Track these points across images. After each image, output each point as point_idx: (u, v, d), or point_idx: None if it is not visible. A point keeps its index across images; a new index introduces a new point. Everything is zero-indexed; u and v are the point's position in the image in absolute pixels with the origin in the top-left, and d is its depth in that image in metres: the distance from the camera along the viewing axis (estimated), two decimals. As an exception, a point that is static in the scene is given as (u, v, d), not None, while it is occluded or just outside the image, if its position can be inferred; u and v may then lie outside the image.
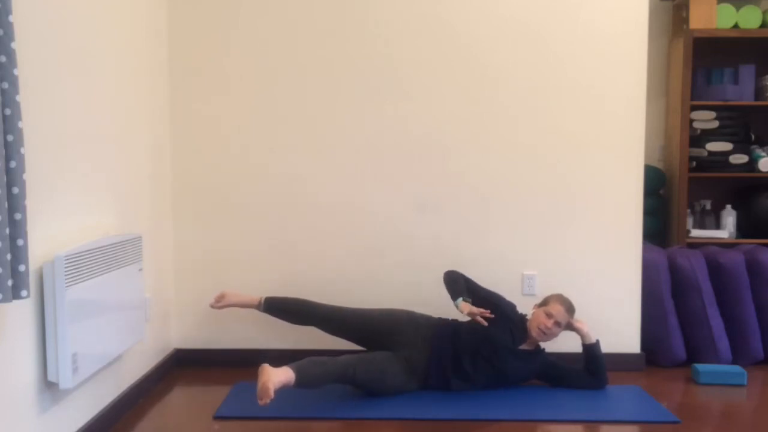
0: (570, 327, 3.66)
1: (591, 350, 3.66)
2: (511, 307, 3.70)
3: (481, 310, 3.53)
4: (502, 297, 3.73)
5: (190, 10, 4.00)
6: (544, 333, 3.57)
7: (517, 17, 4.01)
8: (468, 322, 3.65)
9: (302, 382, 3.21)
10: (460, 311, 3.55)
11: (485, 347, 3.56)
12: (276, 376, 3.10)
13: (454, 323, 3.69)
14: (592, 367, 3.67)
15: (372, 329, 3.65)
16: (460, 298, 3.56)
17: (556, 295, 3.68)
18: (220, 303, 3.80)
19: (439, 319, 3.70)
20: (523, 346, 3.65)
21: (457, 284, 3.65)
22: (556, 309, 3.58)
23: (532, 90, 4.04)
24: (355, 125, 4.05)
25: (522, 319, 3.67)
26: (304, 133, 4.05)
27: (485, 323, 3.50)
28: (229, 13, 4.01)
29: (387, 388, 3.51)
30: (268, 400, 3.05)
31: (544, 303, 3.66)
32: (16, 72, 2.15)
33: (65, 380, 2.57)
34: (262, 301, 3.78)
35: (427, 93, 4.04)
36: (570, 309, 3.62)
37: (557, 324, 3.58)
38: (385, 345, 3.60)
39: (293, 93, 4.04)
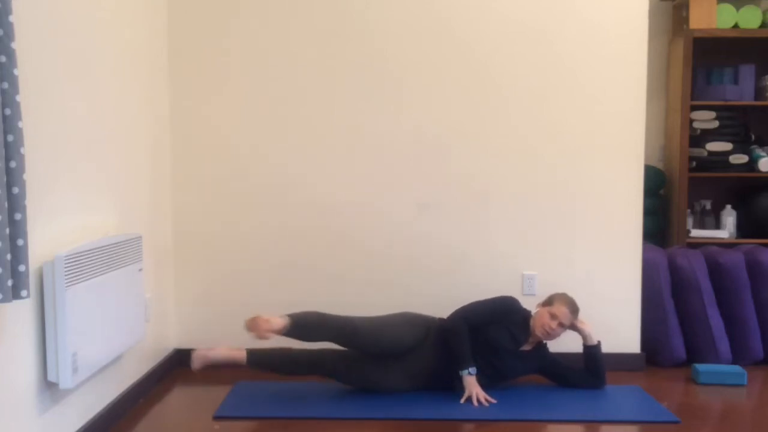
0: (573, 327, 3.65)
1: (592, 351, 3.66)
2: (512, 306, 3.64)
3: (484, 394, 3.43)
4: (503, 300, 3.65)
5: (190, 10, 4.00)
6: (548, 333, 3.56)
7: (518, 18, 4.01)
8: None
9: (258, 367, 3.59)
10: (464, 384, 3.46)
11: (486, 349, 3.55)
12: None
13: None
14: (592, 369, 3.66)
15: (394, 341, 3.54)
16: (467, 370, 3.45)
17: (561, 295, 3.64)
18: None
19: (441, 320, 3.69)
20: (525, 347, 3.64)
21: (463, 347, 3.47)
22: (561, 311, 3.56)
23: (532, 90, 4.03)
24: (356, 126, 4.05)
25: (525, 317, 3.64)
26: (304, 134, 4.05)
27: (476, 405, 3.39)
28: (228, 13, 4.00)
29: (387, 385, 3.53)
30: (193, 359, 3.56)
31: (549, 303, 3.63)
32: (16, 72, 2.15)
33: (65, 380, 2.57)
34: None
35: (427, 93, 4.03)
36: (574, 310, 3.60)
37: (561, 325, 3.56)
38: (399, 353, 3.56)
39: (294, 93, 4.03)
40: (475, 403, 3.39)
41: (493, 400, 3.41)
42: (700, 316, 4.12)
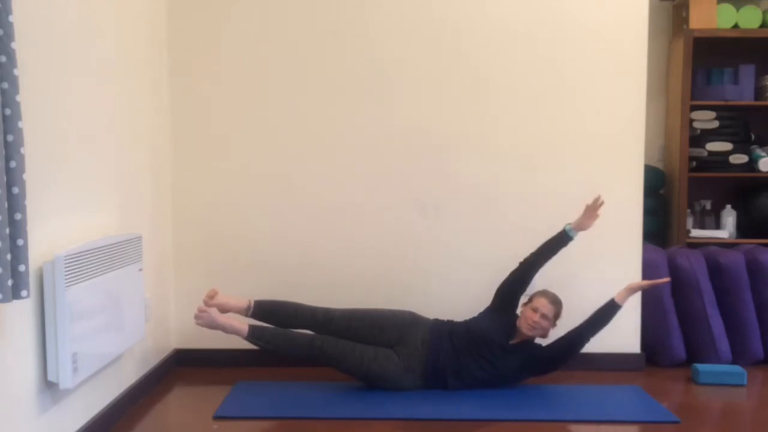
0: (630, 290, 3.63)
1: (611, 307, 3.59)
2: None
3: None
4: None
5: (190, 11, 3.99)
6: (534, 328, 3.57)
7: (518, 18, 4.00)
8: (463, 322, 3.67)
9: (257, 341, 3.59)
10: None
11: (481, 346, 3.57)
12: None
13: (450, 324, 3.69)
14: (596, 319, 3.59)
15: (375, 329, 3.62)
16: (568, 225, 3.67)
17: (540, 291, 3.68)
18: (213, 301, 3.66)
19: (435, 320, 3.70)
20: (514, 341, 3.65)
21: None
22: (541, 302, 3.59)
23: (532, 90, 4.03)
24: (355, 127, 4.05)
25: (513, 319, 3.67)
26: (303, 134, 4.05)
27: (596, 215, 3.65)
28: (228, 15, 4.00)
29: (387, 378, 3.54)
30: (198, 313, 3.55)
31: (530, 300, 3.68)
32: (16, 72, 2.15)
33: (65, 380, 2.57)
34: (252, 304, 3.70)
35: (427, 94, 4.03)
36: (554, 301, 3.62)
37: (544, 317, 3.57)
38: (384, 344, 3.60)
39: (293, 94, 4.03)
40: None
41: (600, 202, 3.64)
42: (700, 316, 4.12)
